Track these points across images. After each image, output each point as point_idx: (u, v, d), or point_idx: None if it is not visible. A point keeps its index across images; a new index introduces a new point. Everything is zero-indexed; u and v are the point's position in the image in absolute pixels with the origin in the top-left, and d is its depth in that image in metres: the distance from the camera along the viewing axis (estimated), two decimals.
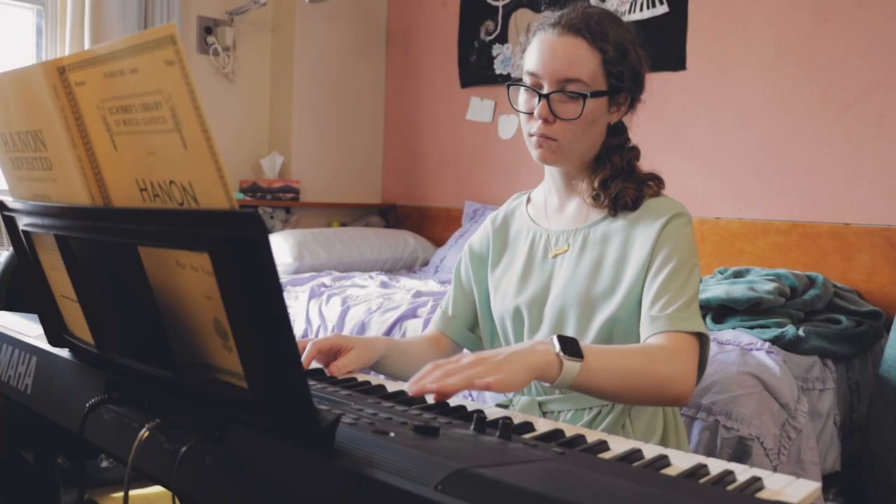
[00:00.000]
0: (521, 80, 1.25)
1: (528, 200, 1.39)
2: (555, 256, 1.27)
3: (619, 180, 1.23)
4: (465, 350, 1.43)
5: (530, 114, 1.22)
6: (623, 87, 1.22)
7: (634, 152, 1.29)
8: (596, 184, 1.24)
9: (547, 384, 0.98)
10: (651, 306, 1.15)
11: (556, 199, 1.32)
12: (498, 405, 1.29)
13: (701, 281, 2.50)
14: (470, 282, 1.40)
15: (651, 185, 1.25)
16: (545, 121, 1.19)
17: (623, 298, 1.17)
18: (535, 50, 1.22)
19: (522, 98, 1.25)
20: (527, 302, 1.27)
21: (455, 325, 1.40)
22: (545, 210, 1.33)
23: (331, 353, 1.15)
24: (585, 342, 1.17)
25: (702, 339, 1.15)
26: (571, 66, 1.18)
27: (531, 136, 1.23)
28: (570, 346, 0.97)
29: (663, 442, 1.24)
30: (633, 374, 1.02)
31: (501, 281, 1.33)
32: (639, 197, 1.22)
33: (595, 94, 1.19)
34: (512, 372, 0.91)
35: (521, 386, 0.92)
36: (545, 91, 1.19)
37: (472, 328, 1.40)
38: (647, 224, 1.20)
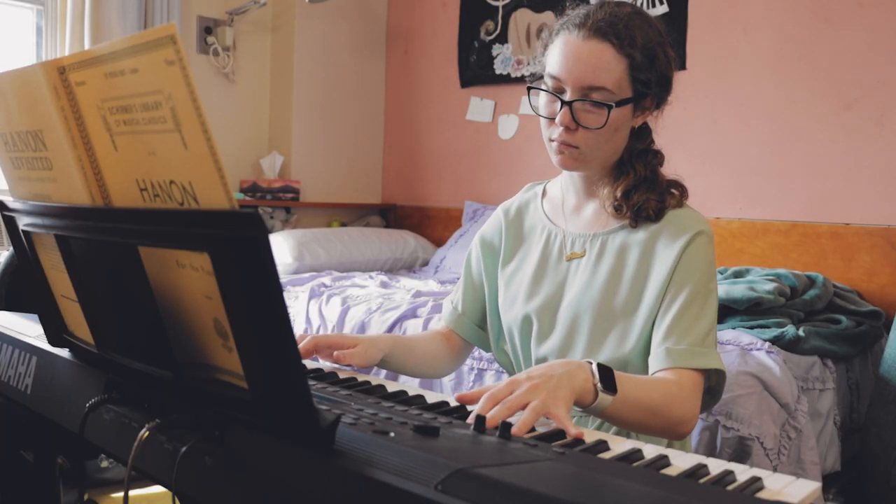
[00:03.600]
0: (541, 77, 1.19)
1: (544, 193, 1.34)
2: (570, 259, 1.24)
3: (642, 190, 1.19)
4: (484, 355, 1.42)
5: (551, 119, 1.17)
6: (650, 92, 1.17)
7: (659, 158, 1.24)
8: (618, 193, 1.19)
9: (579, 408, 0.98)
10: (665, 339, 1.12)
11: (573, 198, 1.28)
12: None
13: None
14: (481, 274, 1.35)
15: (674, 193, 1.21)
16: (567, 128, 1.15)
17: (644, 322, 1.15)
18: (558, 52, 1.15)
19: (543, 101, 1.19)
20: (538, 308, 1.24)
21: (465, 323, 1.36)
22: (562, 208, 1.29)
23: (330, 350, 1.15)
24: (598, 354, 1.18)
25: (717, 374, 1.14)
26: (597, 73, 1.12)
27: (552, 141, 1.18)
28: (607, 378, 0.98)
29: (667, 445, 1.24)
30: (651, 410, 1.04)
31: (513, 280, 1.29)
32: (662, 208, 1.18)
33: (620, 104, 1.13)
34: (563, 399, 0.90)
35: (569, 412, 0.90)
36: (568, 98, 1.14)
37: (483, 325, 1.37)
38: (667, 241, 1.16)
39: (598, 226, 1.23)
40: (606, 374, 0.98)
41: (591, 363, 0.98)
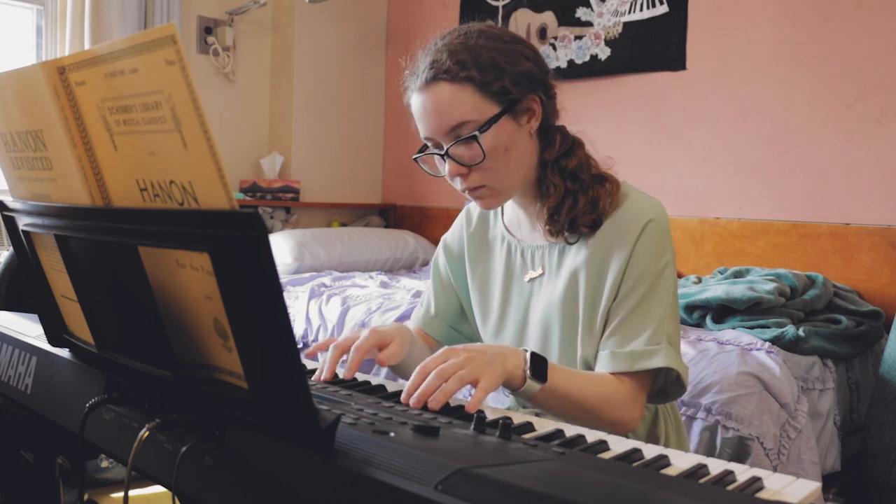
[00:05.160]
0: (425, 147, 1.18)
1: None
2: (531, 281, 1.23)
3: (567, 205, 1.14)
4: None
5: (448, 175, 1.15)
6: (516, 97, 1.11)
7: (576, 159, 1.16)
8: (546, 215, 1.16)
9: (508, 391, 1.02)
10: (609, 337, 1.12)
11: (523, 216, 1.25)
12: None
13: (700, 281, 2.51)
14: (450, 278, 1.36)
15: (607, 188, 1.15)
16: (462, 175, 1.13)
17: (600, 324, 1.14)
18: (415, 115, 1.15)
19: (436, 163, 1.17)
20: (509, 341, 1.25)
21: (439, 324, 1.36)
22: (517, 221, 1.27)
23: (375, 349, 1.12)
24: (573, 358, 1.18)
25: (669, 370, 1.11)
26: (448, 113, 1.09)
27: (463, 191, 1.16)
28: (538, 367, 1.00)
29: (664, 444, 1.24)
30: (584, 408, 1.06)
31: (483, 295, 1.30)
32: (596, 218, 1.13)
33: (487, 126, 1.09)
34: (494, 375, 0.95)
35: (495, 388, 0.95)
36: (444, 149, 1.12)
37: (456, 325, 1.37)
38: (620, 237, 1.13)
39: (551, 236, 1.21)
40: (539, 363, 1.00)
41: (526, 351, 1.01)
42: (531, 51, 1.15)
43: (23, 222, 0.91)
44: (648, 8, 3.09)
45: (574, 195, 1.15)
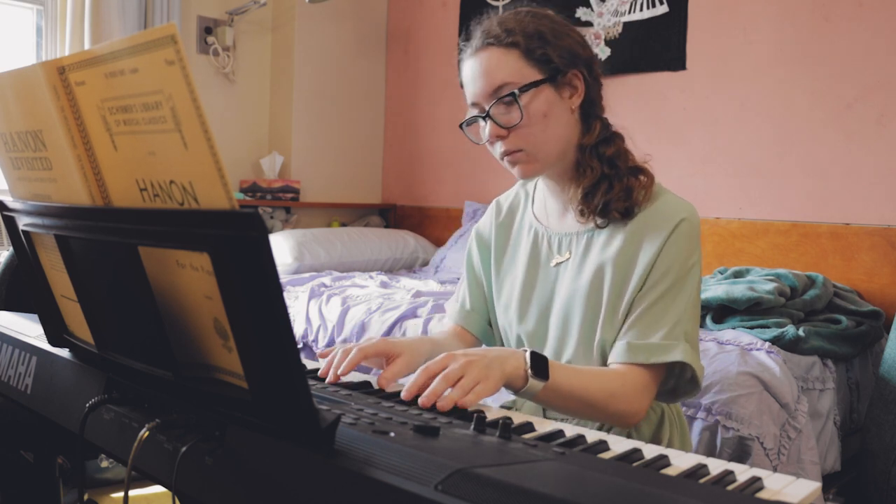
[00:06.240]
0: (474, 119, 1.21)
1: (535, 190, 1.34)
2: (557, 265, 1.24)
3: (602, 189, 1.17)
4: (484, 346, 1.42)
5: (489, 140, 1.18)
6: (558, 67, 1.15)
7: (615, 147, 1.20)
8: (580, 195, 1.19)
9: (511, 391, 1.03)
10: (627, 332, 1.13)
11: (554, 202, 1.27)
12: (502, 406, 1.29)
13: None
14: (480, 270, 1.37)
15: (641, 179, 1.18)
16: (501, 137, 1.16)
17: (624, 311, 1.15)
18: (464, 81, 1.20)
19: (480, 129, 1.20)
20: (530, 332, 1.25)
21: (476, 320, 1.36)
22: (546, 210, 1.29)
23: (378, 358, 1.11)
24: (591, 343, 1.18)
25: (685, 365, 1.12)
26: (492, 75, 1.14)
27: (502, 158, 1.19)
28: (539, 366, 1.01)
29: (668, 446, 1.24)
30: (589, 403, 1.06)
31: (504, 284, 1.31)
32: (630, 206, 1.16)
33: (526, 87, 1.13)
34: (493, 380, 0.95)
35: (495, 392, 0.96)
36: (486, 110, 1.16)
37: (491, 321, 1.37)
38: (651, 231, 1.15)
39: (581, 225, 1.23)
40: (539, 361, 1.01)
41: (526, 351, 1.02)
42: (577, 34, 1.20)
43: (23, 222, 0.91)
44: (648, 8, 3.09)
45: (610, 180, 1.18)
